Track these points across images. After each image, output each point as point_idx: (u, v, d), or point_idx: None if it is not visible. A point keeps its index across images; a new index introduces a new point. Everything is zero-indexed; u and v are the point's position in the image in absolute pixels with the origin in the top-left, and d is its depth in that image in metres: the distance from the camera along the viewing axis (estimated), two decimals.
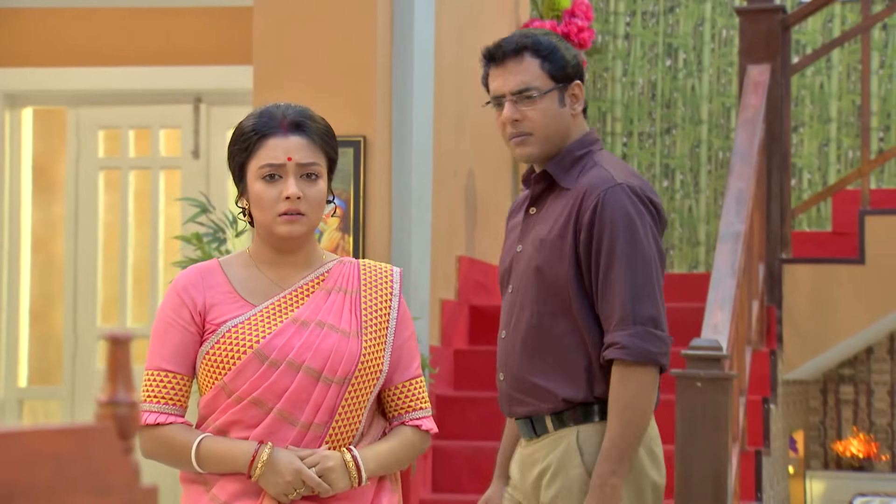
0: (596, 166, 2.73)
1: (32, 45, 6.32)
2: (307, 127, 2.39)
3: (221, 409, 2.39)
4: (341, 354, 2.38)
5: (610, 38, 6.66)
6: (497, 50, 2.75)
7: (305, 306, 2.40)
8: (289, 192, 2.35)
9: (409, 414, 2.49)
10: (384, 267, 2.51)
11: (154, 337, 2.42)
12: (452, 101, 5.48)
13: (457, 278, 5.57)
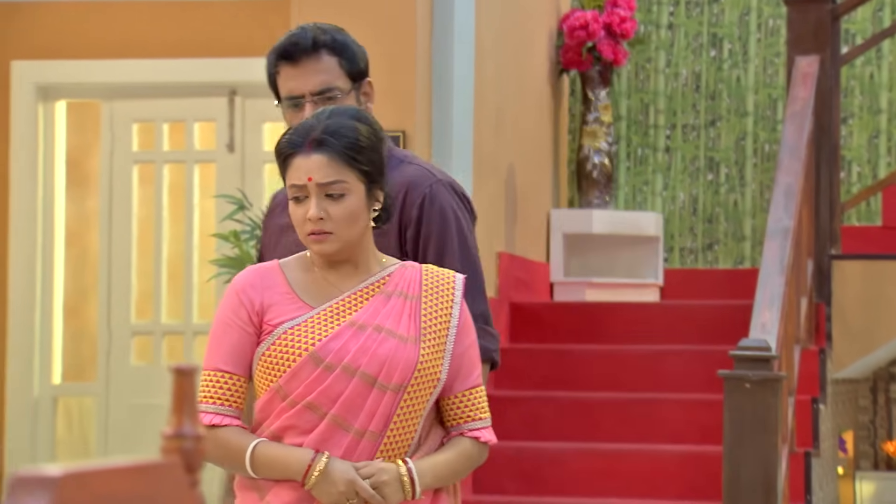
0: (406, 163, 2.68)
1: (66, 38, 6.27)
2: (330, 143, 2.35)
3: (276, 413, 2.37)
4: (398, 361, 2.35)
5: (653, 27, 6.55)
6: (293, 48, 2.63)
7: (364, 310, 2.38)
8: (309, 214, 2.34)
9: (467, 424, 2.43)
10: (447, 273, 2.45)
11: (212, 337, 2.41)
12: (492, 94, 5.39)
13: (497, 275, 5.49)
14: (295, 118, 2.59)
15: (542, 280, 6.04)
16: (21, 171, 6.36)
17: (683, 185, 6.51)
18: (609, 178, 6.22)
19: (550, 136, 6.31)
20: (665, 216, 6.46)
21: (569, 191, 6.50)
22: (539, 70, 6.13)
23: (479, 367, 2.46)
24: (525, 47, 5.96)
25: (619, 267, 6.17)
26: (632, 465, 4.87)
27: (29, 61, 6.33)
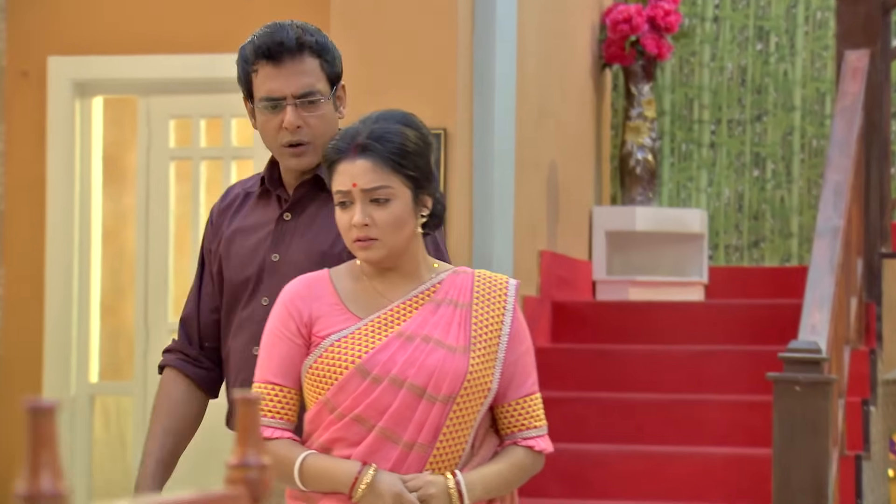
0: None
1: (103, 34, 6.24)
2: (375, 148, 2.31)
3: (324, 425, 2.34)
4: (446, 371, 2.30)
5: (698, 21, 6.45)
6: (278, 47, 2.54)
7: (412, 320, 2.34)
8: (353, 221, 2.31)
9: (521, 433, 2.38)
10: (499, 279, 2.40)
11: (262, 349, 2.39)
12: (534, 90, 5.31)
13: (539, 273, 5.41)
14: (271, 120, 2.53)
15: (584, 278, 5.96)
16: (58, 167, 6.33)
17: (729, 182, 6.40)
18: (652, 174, 6.13)
19: (593, 132, 6.22)
20: (710, 213, 6.37)
21: (611, 187, 6.41)
22: (581, 65, 6.04)
23: (534, 374, 2.40)
24: (567, 42, 5.87)
25: (663, 265, 6.08)
26: (677, 468, 4.78)
27: (66, 57, 6.30)
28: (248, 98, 2.58)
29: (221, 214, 2.69)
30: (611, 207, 6.19)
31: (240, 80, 2.58)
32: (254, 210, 2.65)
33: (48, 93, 6.33)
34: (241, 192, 2.68)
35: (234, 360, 2.64)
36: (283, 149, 2.54)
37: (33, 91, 6.32)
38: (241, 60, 2.57)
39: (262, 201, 2.64)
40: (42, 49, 6.30)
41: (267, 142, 2.57)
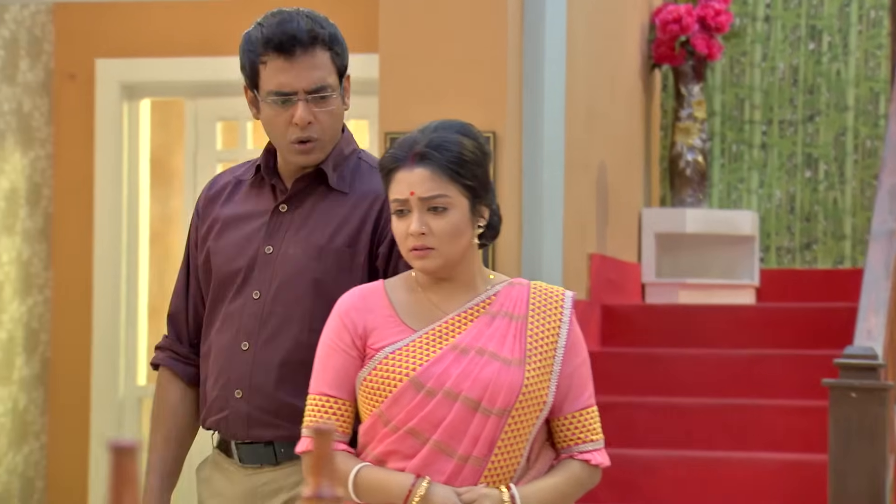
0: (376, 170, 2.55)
1: (150, 36, 6.25)
2: (433, 157, 2.29)
3: (379, 438, 2.32)
4: (501, 384, 2.27)
5: (749, 20, 6.38)
6: (291, 41, 2.44)
7: (467, 332, 2.31)
8: (411, 229, 2.29)
9: (577, 446, 2.35)
10: (555, 290, 2.38)
11: (317, 360, 2.37)
12: (583, 91, 5.27)
13: (588, 277, 5.36)
14: (279, 115, 2.45)
15: (633, 281, 5.90)
16: (106, 170, 6.34)
17: (780, 183, 6.33)
18: (703, 175, 6.07)
19: (642, 133, 6.17)
20: (761, 215, 6.29)
21: (661, 189, 6.36)
22: (630, 65, 5.99)
23: (590, 387, 2.37)
24: (616, 42, 5.82)
25: (714, 267, 6.02)
26: (729, 474, 4.72)
27: (113, 59, 6.32)
28: (250, 88, 2.51)
29: (210, 203, 2.60)
30: (660, 209, 6.14)
31: (244, 69, 2.50)
32: (246, 199, 2.57)
33: (96, 95, 6.35)
34: (231, 181, 2.60)
35: (217, 356, 2.55)
36: (291, 145, 2.47)
37: (81, 94, 6.34)
38: (246, 49, 2.49)
39: (255, 190, 2.56)
40: (90, 52, 6.32)
41: (273, 136, 2.49)
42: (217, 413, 2.54)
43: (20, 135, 6.20)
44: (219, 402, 2.54)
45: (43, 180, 6.33)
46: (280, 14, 2.48)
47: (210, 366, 2.57)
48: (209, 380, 2.57)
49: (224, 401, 2.53)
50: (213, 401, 2.55)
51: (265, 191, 2.54)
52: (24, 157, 6.23)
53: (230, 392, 2.52)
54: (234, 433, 2.53)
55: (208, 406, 2.57)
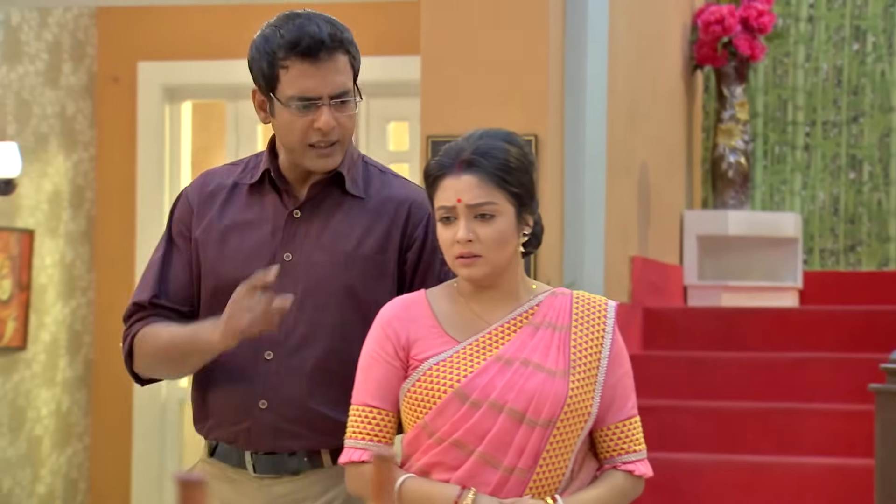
0: (390, 175, 2.53)
1: (192, 40, 6.27)
2: (480, 164, 2.27)
3: (423, 449, 2.31)
4: (546, 396, 2.26)
5: (792, 21, 6.33)
6: (317, 45, 2.38)
7: (511, 343, 2.29)
8: (458, 237, 2.26)
9: (621, 457, 2.33)
10: (598, 300, 2.36)
11: (360, 370, 2.35)
12: (625, 93, 5.24)
13: (630, 280, 5.34)
14: (299, 119, 2.39)
15: (675, 284, 5.87)
16: (148, 172, 6.37)
17: (824, 185, 6.28)
18: (745, 177, 6.03)
19: (684, 135, 6.14)
20: (804, 216, 6.24)
21: (703, 191, 6.32)
22: (672, 67, 5.95)
23: (633, 397, 2.35)
24: (658, 43, 5.79)
25: (756, 270, 5.98)
26: (774, 479, 4.69)
27: (155, 62, 6.34)
28: (265, 91, 2.43)
29: (206, 202, 2.51)
30: (702, 211, 6.10)
31: (261, 72, 2.42)
32: (248, 204, 2.49)
33: (138, 98, 6.38)
34: (226, 183, 2.51)
35: (229, 366, 2.45)
36: (310, 149, 2.41)
37: (124, 96, 6.38)
38: (264, 53, 2.41)
39: (257, 195, 2.49)
40: (132, 55, 6.35)
41: (290, 141, 2.42)
42: (233, 425, 2.46)
43: (63, 138, 6.23)
44: (235, 414, 2.45)
45: (86, 183, 6.37)
46: (297, 17, 2.43)
47: (217, 376, 2.46)
48: (217, 390, 2.47)
49: (244, 412, 2.45)
50: (225, 412, 2.46)
51: (269, 196, 2.48)
52: (68, 159, 6.27)
53: (253, 403, 2.44)
54: (257, 444, 2.46)
55: (217, 417, 2.47)
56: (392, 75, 6.04)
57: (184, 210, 2.53)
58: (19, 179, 5.89)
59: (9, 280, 5.88)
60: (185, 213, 2.52)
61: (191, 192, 2.54)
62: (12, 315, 5.89)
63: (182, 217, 2.53)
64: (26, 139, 6.01)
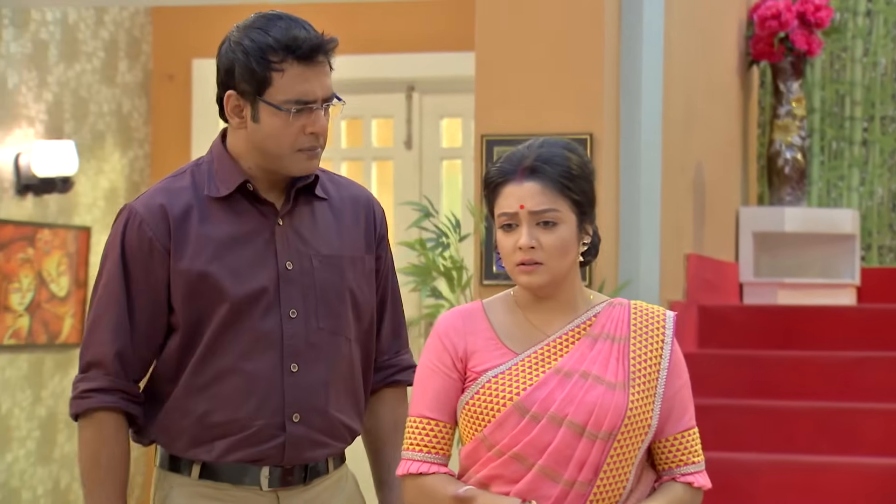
0: (330, 173, 2.51)
1: None
2: (544, 171, 2.27)
3: (482, 461, 2.29)
4: (606, 408, 2.25)
5: (849, 15, 6.26)
6: (315, 47, 2.36)
7: (570, 355, 2.28)
8: (520, 243, 2.25)
9: (679, 468, 2.31)
10: (657, 310, 2.34)
11: (416, 382, 2.35)
12: (680, 89, 5.20)
13: (685, 278, 5.30)
14: (292, 124, 2.35)
15: (731, 281, 5.83)
16: None
17: (882, 180, 6.21)
18: (802, 173, 5.98)
19: (739, 131, 6.09)
20: (862, 213, 6.18)
21: (758, 187, 6.27)
22: (728, 62, 5.91)
23: (692, 408, 2.34)
24: (714, 39, 5.75)
25: (813, 267, 5.93)
26: (832, 480, 4.64)
27: (210, 60, 6.35)
28: (250, 95, 2.36)
29: (181, 225, 2.39)
30: (758, 208, 6.05)
31: (248, 75, 2.35)
32: (229, 216, 2.41)
33: (193, 95, 6.41)
34: (192, 199, 2.40)
35: (251, 383, 2.39)
36: (298, 153, 2.37)
37: (178, 93, 6.41)
38: (257, 56, 2.35)
39: (233, 207, 2.41)
40: (187, 52, 6.38)
41: (276, 145, 2.37)
42: (263, 443, 2.40)
43: (119, 135, 6.28)
44: (268, 431, 2.40)
45: (141, 179, 6.41)
46: (280, 19, 2.40)
47: (234, 397, 2.39)
48: (238, 410, 2.39)
49: (277, 427, 2.40)
50: (253, 432, 2.39)
51: (242, 205, 2.42)
52: (124, 156, 6.31)
53: (286, 417, 2.40)
54: (289, 459, 2.42)
55: (234, 437, 2.40)
56: (445, 71, 6.03)
57: (152, 235, 2.39)
58: (76, 177, 5.94)
59: (66, 277, 5.93)
60: (153, 239, 2.39)
61: (152, 217, 2.39)
62: (69, 312, 5.94)
63: (148, 244, 2.39)
64: (83, 137, 6.06)
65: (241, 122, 2.40)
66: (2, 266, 5.61)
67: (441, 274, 4.14)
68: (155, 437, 2.46)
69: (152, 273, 2.40)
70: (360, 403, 2.52)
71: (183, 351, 2.42)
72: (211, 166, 2.44)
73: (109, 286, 2.41)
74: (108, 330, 2.39)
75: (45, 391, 5.84)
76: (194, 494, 2.43)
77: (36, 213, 5.81)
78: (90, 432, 2.41)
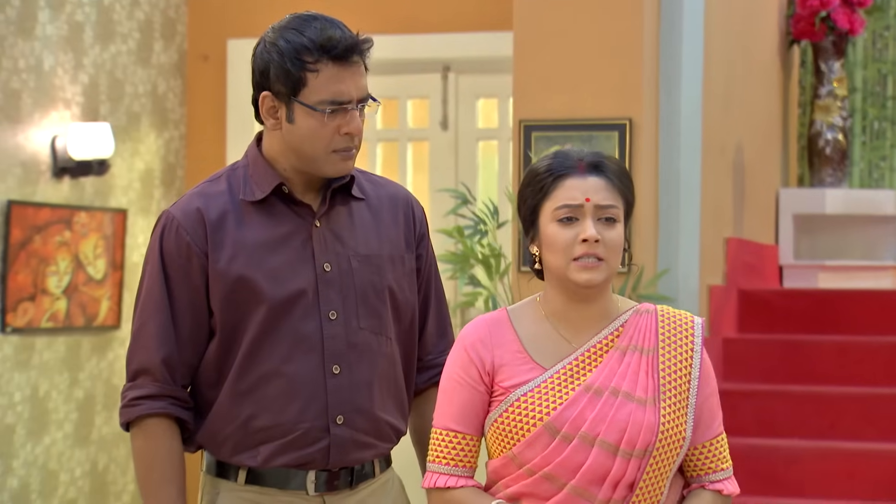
0: (367, 173, 2.51)
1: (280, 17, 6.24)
2: (605, 167, 2.24)
3: (512, 477, 2.26)
4: (639, 426, 2.20)
5: None
6: (350, 48, 2.34)
7: (599, 370, 2.23)
8: (587, 235, 2.19)
9: (708, 476, 2.28)
10: (685, 317, 2.29)
11: (441, 393, 2.30)
12: (721, 71, 5.14)
13: (725, 261, 5.25)
14: (327, 124, 2.34)
15: (770, 263, 5.77)
16: (237, 149, 6.39)
17: None
18: (843, 154, 5.90)
19: (779, 111, 6.02)
20: None
21: (799, 168, 6.20)
22: (768, 42, 5.83)
23: (720, 414, 2.29)
24: (754, 18, 5.67)
25: (854, 248, 5.86)
26: (875, 466, 4.60)
27: (245, 40, 6.34)
28: (285, 96, 2.35)
29: (217, 230, 2.38)
30: (798, 189, 5.99)
31: (283, 76, 2.34)
32: (265, 220, 2.40)
33: (228, 75, 6.39)
34: (229, 203, 2.40)
35: (293, 385, 2.37)
36: (332, 154, 2.37)
37: (213, 74, 6.39)
38: (292, 56, 2.34)
39: (269, 210, 2.41)
40: (222, 32, 6.36)
41: (311, 146, 2.36)
42: (307, 446, 2.39)
43: (155, 116, 6.27)
44: (312, 434, 2.39)
45: (177, 161, 6.41)
46: (315, 20, 2.38)
47: (277, 401, 2.38)
48: (281, 415, 2.38)
49: (322, 430, 2.39)
50: (297, 436, 2.38)
51: (279, 208, 2.41)
52: (159, 138, 6.30)
53: (330, 420, 2.39)
54: (334, 462, 2.40)
55: (278, 442, 2.38)
56: (481, 52, 5.98)
57: (189, 240, 2.39)
58: (112, 159, 5.93)
59: (103, 260, 5.93)
60: (181, 253, 2.39)
61: (189, 221, 2.39)
62: (106, 294, 5.95)
63: (179, 257, 2.39)
64: (118, 119, 6.05)
65: (276, 123, 2.39)
66: (39, 249, 5.61)
67: (479, 261, 4.10)
68: (202, 443, 2.45)
69: (192, 278, 2.39)
70: (403, 403, 2.49)
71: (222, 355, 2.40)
72: (246, 170, 2.44)
73: (151, 293, 2.41)
74: (153, 336, 2.39)
75: (83, 373, 5.86)
76: (241, 499, 2.43)
77: (72, 195, 5.81)
78: (141, 440, 2.40)
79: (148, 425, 2.39)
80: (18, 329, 5.48)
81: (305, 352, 2.38)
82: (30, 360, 5.58)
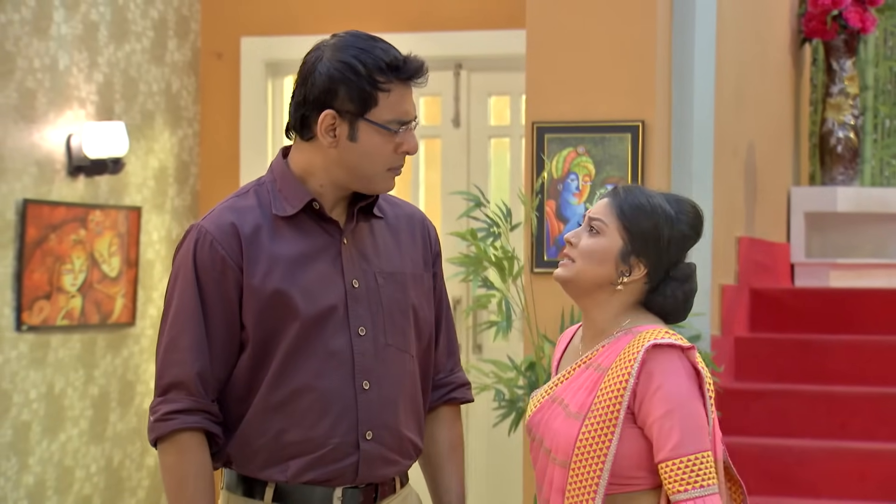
0: (386, 193, 2.50)
1: (294, 15, 6.28)
2: (619, 195, 2.43)
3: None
4: (564, 437, 2.35)
5: None
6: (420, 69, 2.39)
7: (568, 382, 2.42)
8: (566, 235, 2.43)
9: (674, 496, 2.31)
10: (643, 340, 2.33)
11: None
12: (732, 70, 5.15)
13: (736, 261, 5.27)
14: (388, 143, 2.37)
15: (782, 262, 5.78)
16: (251, 147, 6.41)
17: None
18: (854, 152, 5.91)
19: (791, 110, 6.02)
20: None
21: (810, 167, 6.21)
22: (780, 40, 5.84)
23: (675, 438, 2.30)
24: (766, 17, 5.68)
25: (865, 247, 5.87)
26: (888, 467, 4.61)
27: (258, 38, 6.36)
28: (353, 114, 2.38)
29: (252, 244, 2.39)
30: (810, 188, 5.99)
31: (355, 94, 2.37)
32: (298, 235, 2.42)
33: (241, 73, 6.41)
34: (261, 217, 2.41)
35: (324, 401, 2.38)
36: (388, 171, 2.41)
37: (227, 72, 6.41)
38: (362, 75, 2.37)
39: (300, 225, 2.42)
40: (235, 30, 6.38)
41: (370, 163, 2.39)
42: (336, 462, 2.40)
43: (168, 114, 6.29)
44: (342, 449, 2.40)
45: (190, 158, 6.43)
46: (374, 39, 2.42)
47: (308, 412, 2.38)
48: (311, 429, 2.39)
49: (351, 446, 2.40)
50: (327, 451, 2.39)
51: (308, 224, 2.43)
52: (173, 135, 6.33)
53: (360, 435, 2.40)
54: (362, 478, 2.41)
55: (308, 457, 2.39)
56: (494, 49, 6.00)
57: (224, 253, 2.38)
58: (126, 158, 5.96)
59: (117, 257, 5.97)
60: (226, 257, 2.38)
61: (223, 235, 2.38)
62: (121, 292, 5.98)
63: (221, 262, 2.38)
64: (132, 117, 6.08)
65: (333, 141, 2.39)
66: (54, 247, 5.65)
67: (492, 264, 4.12)
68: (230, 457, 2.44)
69: (226, 291, 2.39)
70: (421, 420, 2.53)
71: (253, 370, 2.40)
72: (274, 185, 2.45)
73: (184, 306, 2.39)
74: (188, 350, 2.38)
75: (98, 371, 5.90)
76: None
77: (87, 194, 5.84)
78: (174, 455, 2.38)
79: (181, 440, 2.38)
80: (34, 327, 5.52)
81: (336, 367, 2.39)
82: (45, 358, 5.62)
